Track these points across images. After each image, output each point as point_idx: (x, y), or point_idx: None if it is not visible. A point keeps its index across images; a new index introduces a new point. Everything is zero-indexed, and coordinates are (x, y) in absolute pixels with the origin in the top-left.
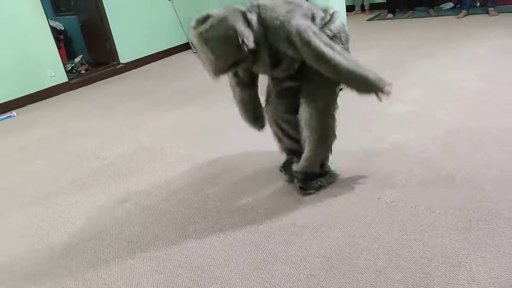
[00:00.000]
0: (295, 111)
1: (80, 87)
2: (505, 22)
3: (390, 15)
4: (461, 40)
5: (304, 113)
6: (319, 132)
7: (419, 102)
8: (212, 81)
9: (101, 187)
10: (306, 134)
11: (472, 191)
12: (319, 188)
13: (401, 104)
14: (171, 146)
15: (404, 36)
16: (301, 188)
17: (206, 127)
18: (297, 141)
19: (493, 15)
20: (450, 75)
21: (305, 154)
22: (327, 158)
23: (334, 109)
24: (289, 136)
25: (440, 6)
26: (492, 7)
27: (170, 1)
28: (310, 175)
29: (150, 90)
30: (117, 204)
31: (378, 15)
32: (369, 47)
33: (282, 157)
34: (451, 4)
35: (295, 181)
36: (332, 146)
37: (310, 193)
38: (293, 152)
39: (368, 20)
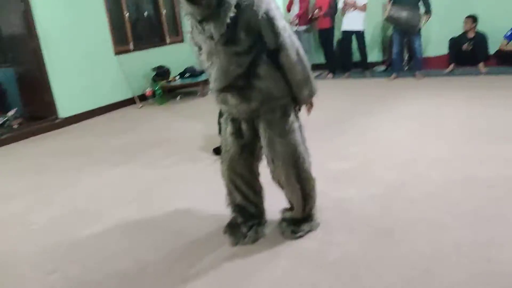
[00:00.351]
0: (253, 164)
1: (12, 142)
2: (429, 85)
3: (330, 75)
4: (393, 101)
5: (278, 174)
6: (298, 187)
7: (359, 159)
8: (155, 137)
9: (26, 257)
10: (288, 194)
11: (409, 249)
12: (307, 232)
13: (341, 161)
14: (108, 208)
15: (343, 96)
16: (293, 231)
17: (147, 187)
18: (248, 199)
19: (420, 79)
20: (385, 133)
21: (295, 208)
22: (313, 206)
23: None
24: (241, 192)
25: (373, 69)
26: (418, 70)
27: (115, 56)
28: (297, 220)
29: (89, 146)
30: (44, 275)
31: (319, 74)
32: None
33: (227, 218)
34: (382, 67)
35: (284, 226)
36: (315, 191)
37: (300, 236)
38: (240, 210)
39: None
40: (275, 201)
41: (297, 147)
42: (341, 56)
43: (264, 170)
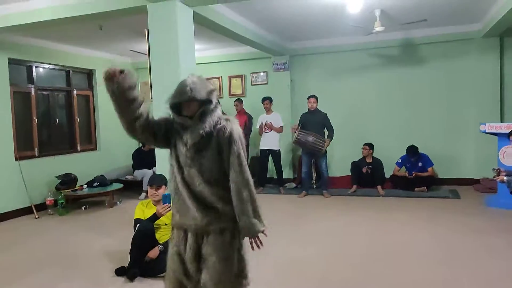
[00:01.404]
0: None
1: None
2: (335, 204)
3: None
4: (302, 219)
5: None
6: None
7: (268, 280)
8: (50, 254)
9: None
10: None
11: None
12: None
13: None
14: None
15: None
16: None
17: None
18: None
19: (327, 197)
20: (295, 253)
21: None
22: None
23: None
24: None
25: (285, 185)
26: (325, 190)
27: (16, 162)
28: None
29: None
30: None
31: None
32: None
33: None
34: (293, 184)
35: None
36: None
37: None
38: None
39: None
40: None
41: (235, 278)
42: (256, 172)
43: None
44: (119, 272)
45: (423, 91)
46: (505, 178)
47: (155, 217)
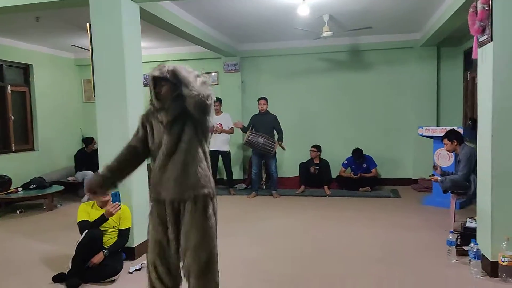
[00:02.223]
0: (175, 256)
1: None
2: (284, 204)
3: None
4: (251, 219)
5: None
6: (209, 274)
7: None
8: None
9: None
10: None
11: None
12: None
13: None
14: None
15: None
16: None
17: None
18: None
19: (276, 197)
20: (243, 253)
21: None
22: None
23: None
24: (162, 281)
25: (235, 186)
26: (274, 190)
27: None
28: None
29: None
30: None
31: None
32: None
33: None
34: (243, 185)
35: None
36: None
37: None
38: None
39: None
40: None
41: (212, 241)
42: None
43: None
44: (57, 279)
45: (368, 96)
46: (439, 178)
47: (104, 218)
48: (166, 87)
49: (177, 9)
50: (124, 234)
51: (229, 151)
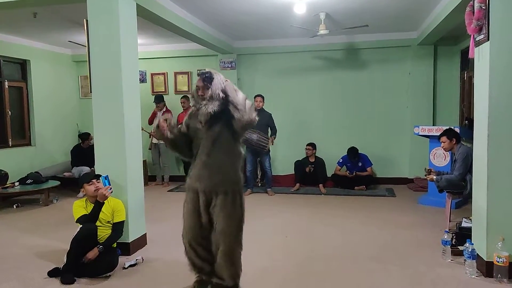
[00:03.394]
0: (208, 235)
1: None
2: (279, 201)
3: None
4: (246, 216)
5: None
6: (235, 256)
7: None
8: None
9: None
10: (221, 264)
11: None
12: None
13: None
14: None
15: None
16: None
17: None
18: (208, 261)
19: (271, 195)
20: None
21: (225, 277)
22: (239, 276)
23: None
24: (200, 257)
25: None
26: (269, 188)
27: None
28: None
29: None
30: None
31: (179, 186)
32: (169, 217)
33: None
34: None
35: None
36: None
37: None
38: (201, 271)
39: (169, 191)
40: None
41: (237, 228)
42: None
43: None
44: (53, 273)
45: (364, 94)
46: (435, 177)
47: (99, 203)
48: (208, 90)
49: (173, 6)
50: (118, 227)
51: None
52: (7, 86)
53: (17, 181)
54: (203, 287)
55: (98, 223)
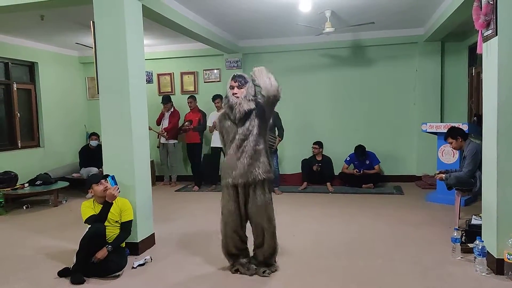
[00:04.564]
0: (244, 221)
1: None
2: (287, 200)
3: (196, 188)
4: None
5: (257, 228)
6: (274, 237)
7: (217, 274)
8: None
9: None
10: (262, 243)
11: None
12: (274, 272)
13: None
14: None
15: (208, 209)
16: (264, 271)
17: None
18: (240, 246)
19: (278, 194)
20: None
21: (265, 254)
22: (276, 253)
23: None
24: (242, 241)
25: None
26: (277, 187)
27: None
28: (268, 263)
29: None
30: None
31: (186, 186)
32: (176, 217)
33: None
34: None
35: (255, 269)
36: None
37: (269, 274)
38: (233, 255)
39: (176, 191)
40: None
41: (271, 211)
42: (208, 170)
43: None
44: (63, 273)
45: (371, 92)
46: (444, 175)
47: (108, 204)
48: (241, 90)
49: (179, 6)
50: (126, 227)
51: None
52: (15, 88)
53: (26, 182)
54: (241, 267)
55: (106, 223)
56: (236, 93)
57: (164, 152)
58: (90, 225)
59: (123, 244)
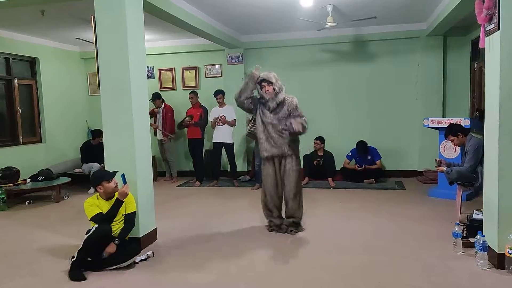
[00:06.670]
0: (279, 188)
1: None
2: None
3: (197, 183)
4: (255, 210)
5: (288, 192)
6: (298, 197)
7: (220, 268)
8: None
9: None
10: (293, 206)
11: None
12: (300, 231)
13: (202, 273)
14: None
15: (210, 204)
16: (292, 230)
17: None
18: (277, 210)
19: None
20: (247, 244)
21: (295, 217)
22: (302, 213)
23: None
24: (275, 206)
25: (239, 178)
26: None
27: None
28: (296, 223)
29: None
30: None
31: (187, 182)
32: (178, 212)
33: None
34: (247, 177)
35: (286, 228)
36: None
37: (297, 232)
38: (272, 217)
39: (178, 186)
40: None
41: (299, 178)
42: (210, 165)
43: None
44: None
45: (373, 87)
46: (445, 169)
47: (119, 201)
48: (271, 87)
49: (180, 1)
50: (130, 218)
51: (233, 143)
52: (17, 84)
53: (28, 178)
54: (276, 227)
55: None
56: (267, 90)
57: (162, 148)
58: (96, 224)
59: (127, 238)
